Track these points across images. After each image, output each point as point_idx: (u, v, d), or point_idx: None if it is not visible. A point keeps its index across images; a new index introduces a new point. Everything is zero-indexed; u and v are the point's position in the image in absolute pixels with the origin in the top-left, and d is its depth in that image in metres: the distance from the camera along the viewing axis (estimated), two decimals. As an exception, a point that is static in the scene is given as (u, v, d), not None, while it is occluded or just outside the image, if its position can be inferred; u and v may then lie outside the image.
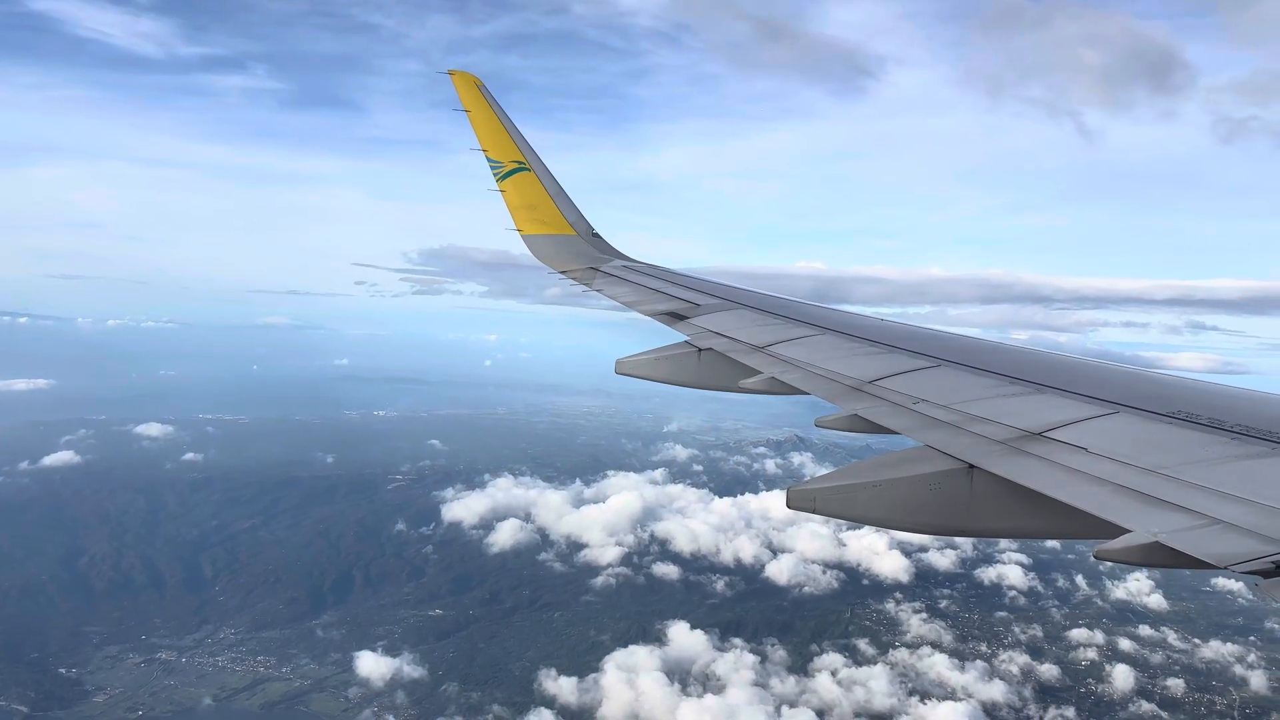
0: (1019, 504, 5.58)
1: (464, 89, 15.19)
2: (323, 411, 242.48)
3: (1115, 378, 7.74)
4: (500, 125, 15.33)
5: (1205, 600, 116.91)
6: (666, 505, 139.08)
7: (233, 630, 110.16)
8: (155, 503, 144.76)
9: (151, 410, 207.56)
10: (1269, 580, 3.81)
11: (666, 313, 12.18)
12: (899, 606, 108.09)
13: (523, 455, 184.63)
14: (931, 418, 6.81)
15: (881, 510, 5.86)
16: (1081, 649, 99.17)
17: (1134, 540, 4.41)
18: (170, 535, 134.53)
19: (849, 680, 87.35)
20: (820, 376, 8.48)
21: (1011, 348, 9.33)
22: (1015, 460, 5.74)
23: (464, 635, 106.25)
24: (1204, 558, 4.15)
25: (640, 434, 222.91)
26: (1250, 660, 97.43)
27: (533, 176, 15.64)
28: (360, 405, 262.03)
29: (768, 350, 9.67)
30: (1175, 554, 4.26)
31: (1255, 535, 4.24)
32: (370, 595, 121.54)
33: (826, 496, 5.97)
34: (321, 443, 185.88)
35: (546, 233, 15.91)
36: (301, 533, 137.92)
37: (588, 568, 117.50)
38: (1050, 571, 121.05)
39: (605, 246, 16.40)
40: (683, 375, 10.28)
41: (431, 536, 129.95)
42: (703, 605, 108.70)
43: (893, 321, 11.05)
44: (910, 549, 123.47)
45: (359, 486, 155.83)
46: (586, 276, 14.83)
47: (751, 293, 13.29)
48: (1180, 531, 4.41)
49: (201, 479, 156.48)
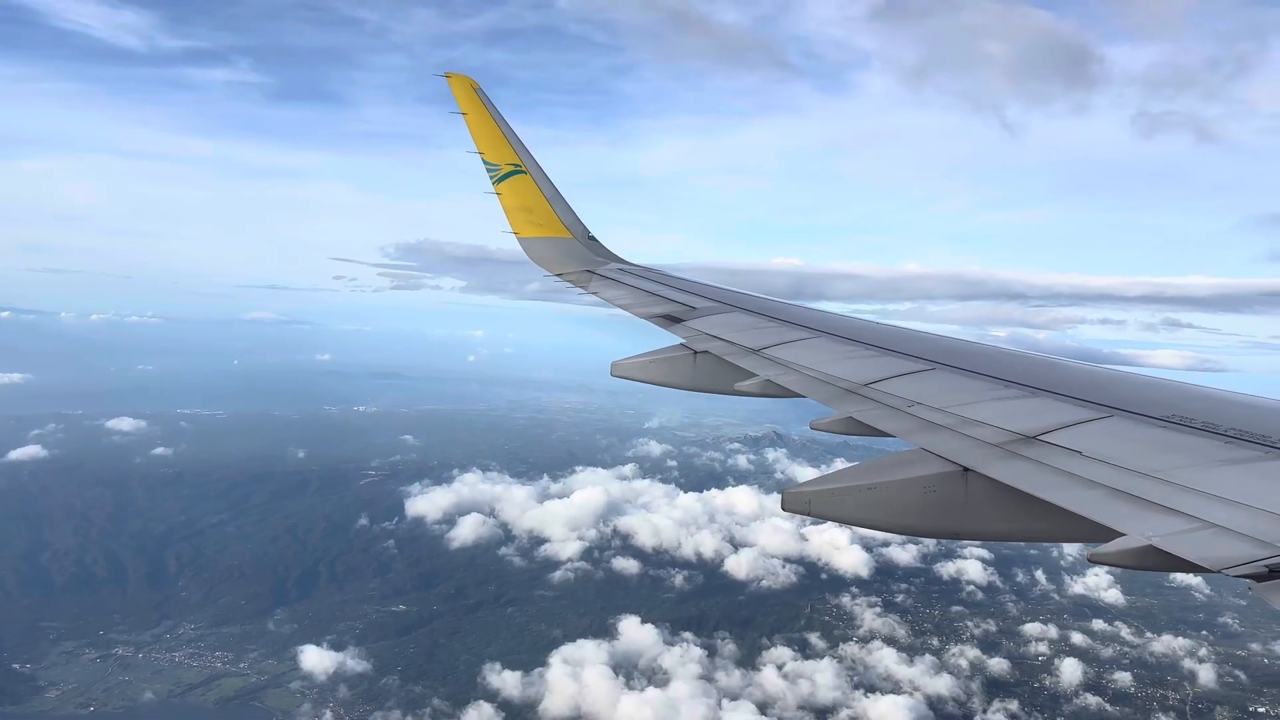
0: (1014, 507, 5.59)
1: (460, 92, 15.16)
2: (302, 407, 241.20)
3: (1109, 381, 7.76)
4: (496, 128, 15.32)
5: (1166, 596, 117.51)
6: (632, 500, 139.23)
7: (192, 626, 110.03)
8: (123, 498, 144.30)
9: (127, 405, 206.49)
10: (1262, 584, 3.82)
11: (662, 315, 12.25)
12: (855, 601, 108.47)
13: (499, 451, 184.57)
14: (926, 421, 6.85)
15: (876, 513, 5.88)
16: (1033, 643, 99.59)
17: (1128, 544, 4.43)
18: (136, 530, 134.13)
19: (795, 674, 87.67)
20: (815, 379, 8.53)
21: (1006, 351, 9.40)
22: (1010, 463, 5.78)
23: (426, 631, 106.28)
24: (1198, 561, 4.16)
25: (618, 430, 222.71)
26: (1201, 654, 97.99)
27: (529, 179, 15.67)
28: (340, 400, 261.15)
29: (763, 353, 9.72)
30: (1169, 557, 4.29)
31: (1249, 539, 4.25)
32: (335, 591, 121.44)
33: (821, 499, 5.98)
34: (297, 438, 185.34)
35: (543, 235, 15.96)
36: (269, 528, 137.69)
37: (547, 562, 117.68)
38: (1011, 567, 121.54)
39: (601, 249, 16.46)
40: (678, 378, 10.36)
41: (394, 531, 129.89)
42: (659, 600, 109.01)
43: (887, 324, 11.10)
44: (872, 544, 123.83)
45: (330, 482, 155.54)
46: (582, 279, 14.88)
47: (747, 295, 13.38)
48: (1174, 535, 4.43)
49: (172, 474, 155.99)
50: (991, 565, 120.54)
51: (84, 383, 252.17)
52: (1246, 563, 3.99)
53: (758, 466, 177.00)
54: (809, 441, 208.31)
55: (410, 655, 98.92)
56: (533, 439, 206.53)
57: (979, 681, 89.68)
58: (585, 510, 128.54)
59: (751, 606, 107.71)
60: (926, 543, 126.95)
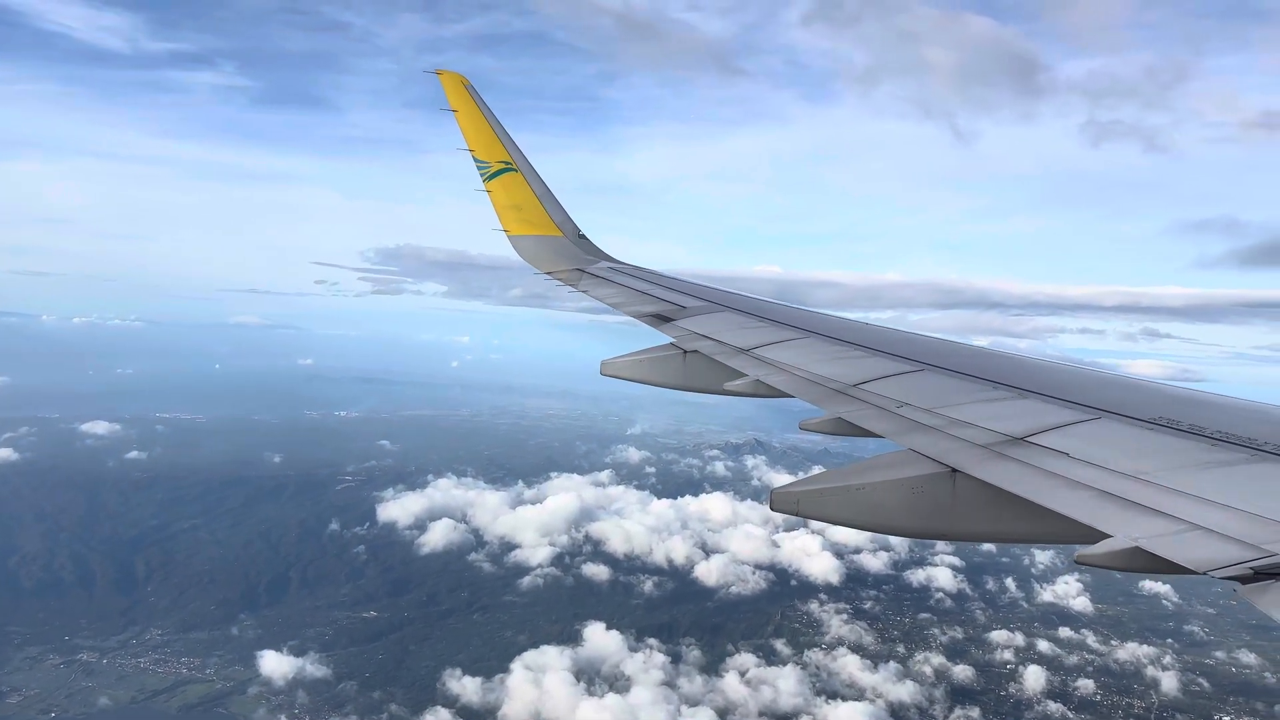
0: (1001, 508, 5.59)
1: (451, 89, 15.07)
2: (283, 411, 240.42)
3: (1097, 384, 7.77)
4: (487, 125, 15.22)
5: (1135, 604, 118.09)
6: (606, 506, 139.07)
7: (159, 631, 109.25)
8: (95, 502, 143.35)
9: (104, 408, 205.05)
10: (1247, 585, 3.83)
11: (652, 315, 12.17)
12: (823, 608, 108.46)
13: (478, 456, 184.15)
14: (915, 421, 6.83)
15: (864, 513, 5.88)
16: (999, 651, 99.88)
17: (1115, 545, 4.44)
18: (107, 535, 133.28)
19: (758, 680, 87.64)
20: (805, 379, 8.50)
21: (994, 353, 9.40)
22: (998, 465, 5.77)
23: (396, 637, 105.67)
24: (1183, 563, 4.16)
25: (599, 436, 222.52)
26: (1166, 662, 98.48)
27: (520, 177, 15.59)
28: (322, 405, 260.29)
29: (753, 353, 9.69)
30: (1155, 559, 4.29)
31: (1234, 541, 4.26)
32: (306, 596, 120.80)
33: (810, 499, 5.97)
34: (275, 443, 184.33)
35: (533, 233, 15.89)
36: (242, 533, 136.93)
37: (517, 568, 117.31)
38: (981, 574, 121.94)
39: (591, 248, 16.37)
40: (668, 377, 10.31)
41: (365, 537, 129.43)
42: (628, 606, 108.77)
43: (877, 325, 11.09)
44: (843, 550, 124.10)
45: (306, 487, 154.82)
46: (572, 278, 14.79)
47: (738, 295, 13.34)
48: (1160, 537, 4.44)
49: (146, 478, 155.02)
50: (962, 573, 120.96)
51: (62, 386, 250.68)
52: (1232, 565, 4.01)
53: (735, 473, 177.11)
54: (790, 449, 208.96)
55: (377, 661, 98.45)
56: (513, 445, 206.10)
57: (943, 689, 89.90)
58: (558, 516, 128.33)
59: (720, 613, 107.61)
60: (898, 550, 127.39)
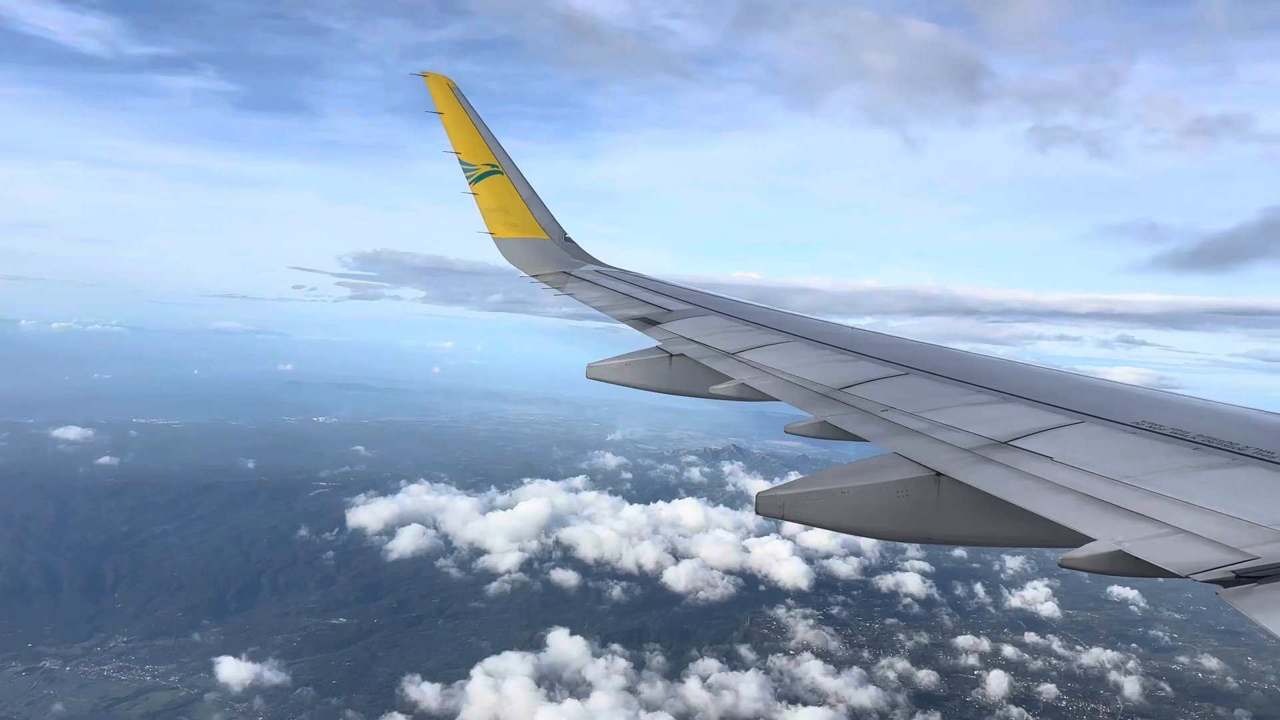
0: (985, 512, 5.62)
1: (437, 91, 14.99)
2: (261, 417, 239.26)
3: (1080, 388, 7.82)
4: (474, 128, 15.17)
5: (1105, 610, 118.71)
6: (578, 512, 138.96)
7: (124, 638, 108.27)
8: (64, 508, 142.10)
9: (79, 414, 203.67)
10: (1229, 589, 3.85)
11: (638, 318, 12.18)
12: (790, 613, 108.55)
13: (455, 462, 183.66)
14: (900, 425, 6.85)
15: (849, 517, 5.90)
16: (964, 656, 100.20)
17: (1099, 549, 4.47)
18: (76, 541, 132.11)
19: (719, 685, 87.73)
20: (790, 383, 8.49)
21: (978, 357, 9.41)
22: (982, 468, 5.80)
23: (364, 644, 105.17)
24: (1166, 566, 4.19)
25: (578, 442, 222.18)
26: (1130, 667, 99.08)
27: (506, 180, 15.56)
28: (300, 411, 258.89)
29: (739, 356, 9.68)
30: (1139, 562, 4.33)
31: (1217, 544, 4.29)
32: (276, 603, 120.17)
33: (795, 503, 5.99)
34: (250, 449, 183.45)
35: (519, 236, 15.87)
36: (213, 539, 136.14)
37: (485, 574, 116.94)
38: (951, 580, 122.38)
39: (577, 251, 16.35)
40: (654, 380, 10.27)
41: (333, 543, 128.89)
42: (594, 612, 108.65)
43: (862, 329, 11.11)
44: (813, 556, 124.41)
45: (279, 493, 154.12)
46: (558, 280, 14.76)
47: (724, 299, 13.36)
48: (1144, 540, 4.47)
49: (118, 484, 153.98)
50: (931, 578, 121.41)
51: (37, 391, 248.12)
52: (1214, 568, 4.04)
53: (711, 479, 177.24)
54: (769, 455, 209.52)
55: (344, 668, 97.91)
56: (490, 451, 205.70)
57: (906, 694, 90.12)
58: (528, 522, 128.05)
59: (687, 619, 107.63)
60: (869, 555, 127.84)
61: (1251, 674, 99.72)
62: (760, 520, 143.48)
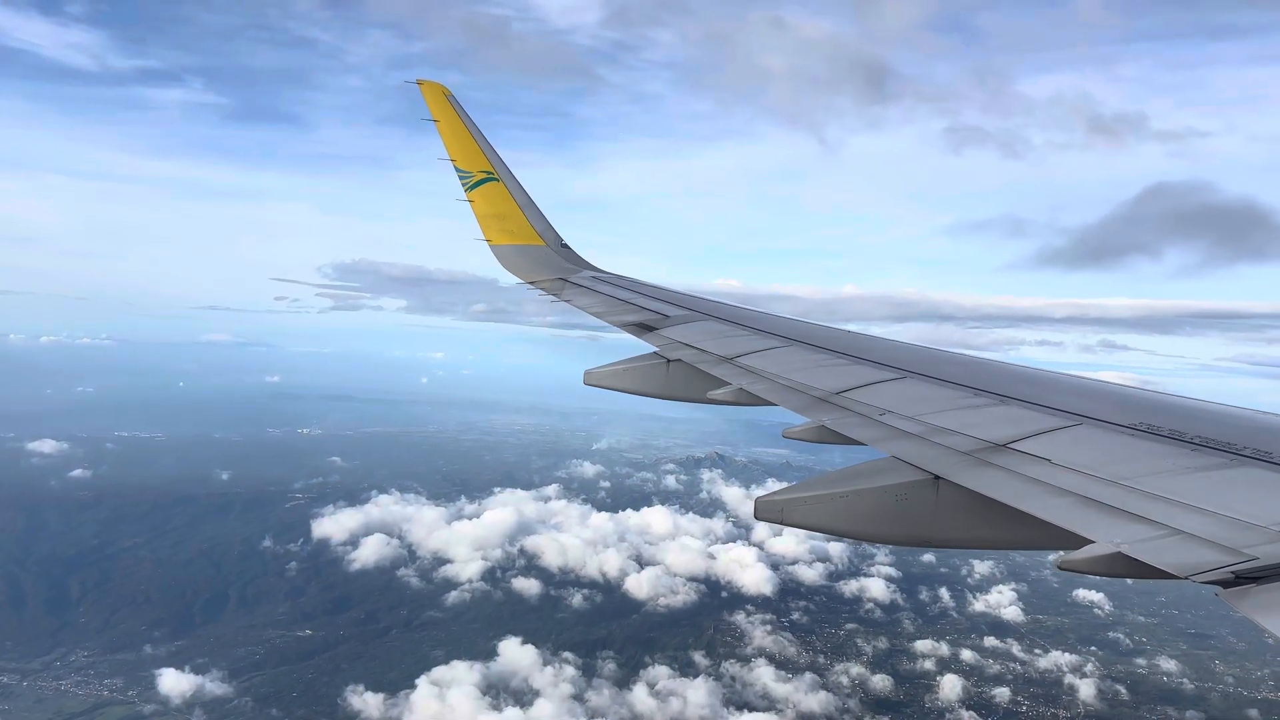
0: (984, 515, 5.63)
1: (432, 98, 14.98)
2: (244, 429, 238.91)
3: (1077, 390, 7.81)
4: (469, 135, 15.14)
5: (1069, 614, 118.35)
6: (546, 520, 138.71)
7: (85, 653, 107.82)
8: (35, 521, 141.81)
9: (59, 427, 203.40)
10: (1228, 590, 3.85)
11: (635, 323, 12.18)
12: (749, 619, 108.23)
13: (435, 472, 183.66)
14: (897, 429, 6.85)
15: (847, 521, 5.90)
16: (921, 660, 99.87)
17: (1097, 551, 4.46)
18: (44, 554, 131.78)
19: (667, 692, 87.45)
20: (788, 388, 8.50)
21: (976, 360, 9.38)
22: (980, 471, 5.79)
23: (328, 656, 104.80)
24: (1165, 568, 4.18)
25: (563, 451, 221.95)
26: (1087, 670, 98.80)
27: (501, 187, 15.56)
28: (285, 423, 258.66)
29: (736, 361, 9.68)
30: (1137, 564, 4.32)
31: (1215, 545, 4.28)
32: (244, 615, 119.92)
33: (793, 507, 5.97)
34: (229, 460, 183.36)
35: (515, 243, 15.86)
36: (183, 552, 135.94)
37: (445, 583, 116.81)
38: (917, 585, 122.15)
39: (574, 257, 16.36)
40: (651, 386, 10.28)
41: (297, 553, 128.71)
42: (552, 620, 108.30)
43: (859, 333, 11.11)
44: (780, 562, 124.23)
45: (253, 505, 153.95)
46: (555, 287, 14.72)
47: (721, 304, 13.36)
48: (1142, 542, 4.46)
49: (91, 497, 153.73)
50: (897, 584, 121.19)
51: (16, 404, 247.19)
52: (1213, 569, 4.04)
53: (687, 487, 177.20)
54: (752, 462, 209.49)
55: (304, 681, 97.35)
56: (472, 461, 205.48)
57: (857, 699, 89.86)
58: (493, 530, 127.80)
59: (644, 626, 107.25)
60: (836, 561, 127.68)
61: (1209, 676, 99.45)
62: (728, 527, 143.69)
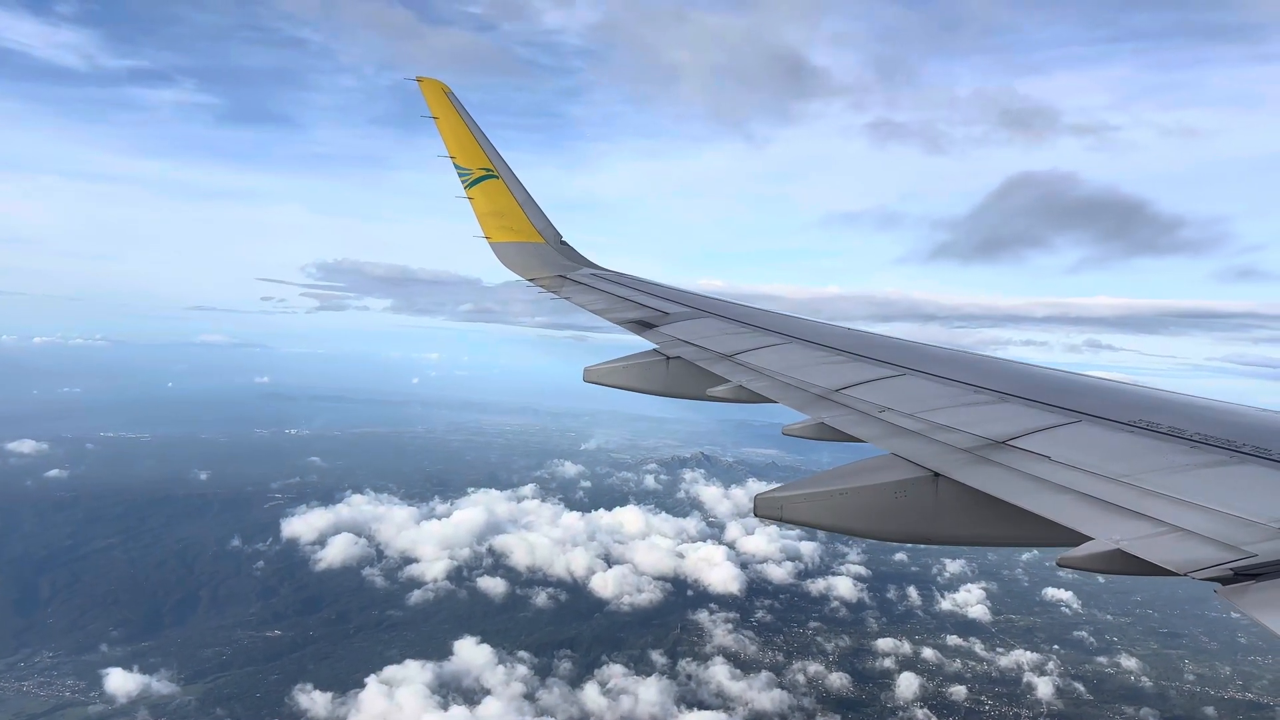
0: (983, 512, 5.64)
1: (432, 96, 14.94)
2: (232, 429, 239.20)
3: (1076, 387, 7.79)
4: (468, 132, 15.12)
5: (1036, 612, 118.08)
6: (517, 520, 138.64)
7: (50, 654, 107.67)
8: (8, 521, 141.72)
9: (41, 427, 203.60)
10: (1227, 586, 3.86)
11: (635, 321, 12.19)
12: (711, 617, 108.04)
13: (418, 472, 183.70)
14: (897, 426, 6.87)
15: (847, 518, 5.92)
16: (882, 659, 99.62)
17: (1096, 548, 4.48)
18: (16, 555, 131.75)
19: (619, 690, 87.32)
20: (787, 385, 8.49)
21: (975, 357, 9.39)
22: (979, 468, 5.81)
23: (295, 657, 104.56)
24: (1165, 565, 4.19)
25: (545, 451, 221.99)
26: (1048, 669, 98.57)
27: (501, 184, 15.54)
28: (274, 423, 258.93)
29: (736, 358, 9.68)
30: (1137, 561, 4.33)
31: (1214, 542, 4.29)
32: (214, 615, 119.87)
33: (794, 504, 6.00)
34: (211, 461, 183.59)
35: (515, 240, 15.85)
36: (156, 552, 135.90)
37: (410, 582, 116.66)
38: (886, 583, 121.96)
39: (574, 254, 16.30)
40: (651, 383, 10.25)
41: (265, 553, 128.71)
42: (514, 619, 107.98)
43: (859, 330, 11.13)
44: (749, 561, 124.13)
45: (231, 505, 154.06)
46: (555, 284, 14.72)
47: (721, 301, 13.37)
48: (1142, 539, 4.47)
49: (68, 497, 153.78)
50: (865, 582, 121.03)
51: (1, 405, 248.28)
52: (1212, 566, 4.05)
53: (666, 487, 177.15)
54: (738, 462, 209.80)
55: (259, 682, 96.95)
56: (457, 461, 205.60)
57: (813, 697, 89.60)
58: (462, 530, 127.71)
59: (607, 625, 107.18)
60: (806, 559, 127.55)
61: (1173, 675, 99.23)
62: (701, 525, 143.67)
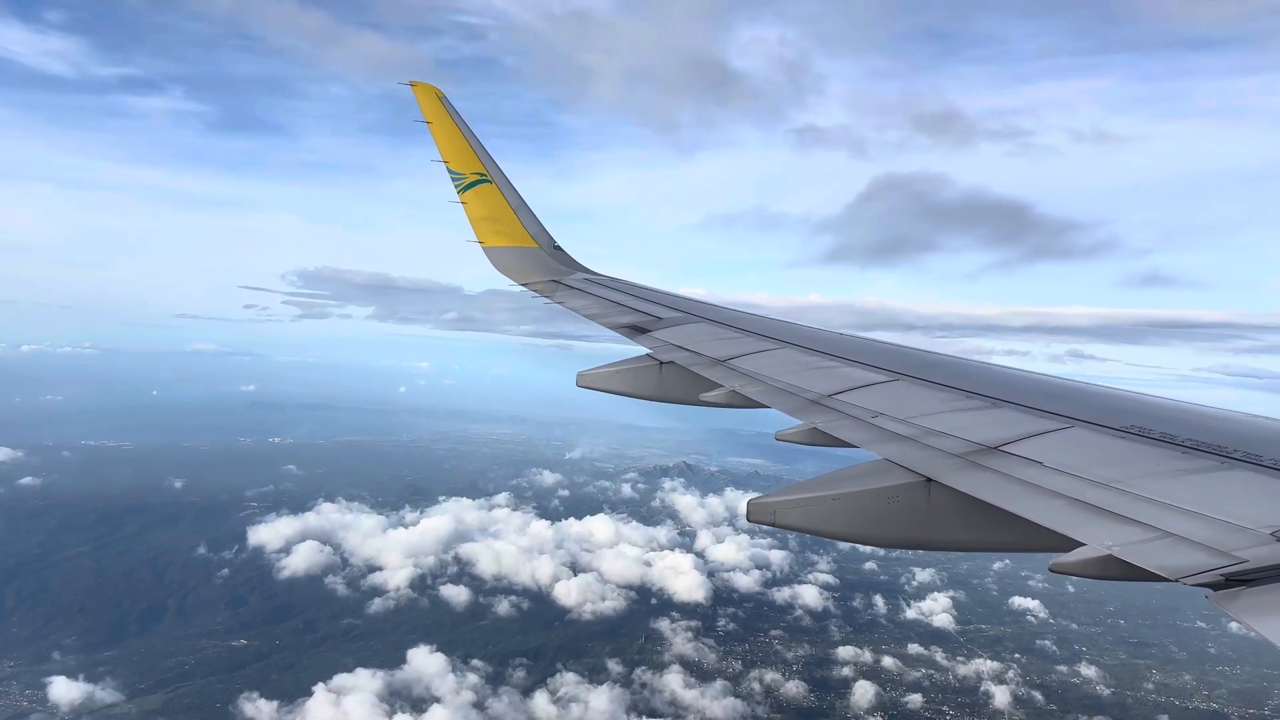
0: (976, 517, 5.66)
1: (425, 100, 14.90)
2: (215, 438, 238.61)
3: (1069, 393, 7.82)
4: (462, 137, 15.13)
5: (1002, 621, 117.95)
6: (486, 528, 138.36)
7: (11, 664, 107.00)
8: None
9: (18, 436, 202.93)
10: (1219, 592, 3.88)
11: (628, 325, 12.20)
12: (673, 625, 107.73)
13: (396, 480, 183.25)
14: (890, 432, 6.88)
15: (840, 523, 5.93)
16: (840, 667, 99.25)
17: (1089, 553, 4.48)
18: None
19: (570, 699, 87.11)
20: (780, 390, 8.52)
21: (968, 363, 9.42)
22: (972, 474, 5.83)
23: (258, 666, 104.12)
24: (1156, 570, 4.21)
25: (526, 460, 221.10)
26: (1008, 677, 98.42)
27: (494, 188, 15.54)
28: (259, 432, 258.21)
29: (729, 364, 9.70)
30: (1129, 567, 4.34)
31: (1206, 548, 4.30)
32: (181, 625, 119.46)
33: (787, 509, 6.01)
34: (189, 469, 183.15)
35: (508, 245, 15.86)
36: (127, 561, 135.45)
37: (372, 590, 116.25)
38: (853, 592, 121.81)
39: (567, 259, 16.33)
40: (644, 388, 10.27)
41: (231, 560, 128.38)
42: (474, 627, 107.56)
43: (852, 336, 11.15)
44: (716, 569, 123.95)
45: (205, 513, 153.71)
46: (548, 289, 14.76)
47: (714, 306, 13.41)
48: (1134, 544, 4.48)
49: (40, 505, 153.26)
50: (832, 591, 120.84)
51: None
52: (1204, 571, 4.05)
53: (642, 496, 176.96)
54: (721, 472, 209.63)
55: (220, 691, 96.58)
56: (438, 469, 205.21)
57: (767, 705, 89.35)
58: (428, 538, 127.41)
59: (567, 633, 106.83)
60: (776, 568, 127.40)
61: (1133, 684, 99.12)
62: (671, 534, 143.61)
